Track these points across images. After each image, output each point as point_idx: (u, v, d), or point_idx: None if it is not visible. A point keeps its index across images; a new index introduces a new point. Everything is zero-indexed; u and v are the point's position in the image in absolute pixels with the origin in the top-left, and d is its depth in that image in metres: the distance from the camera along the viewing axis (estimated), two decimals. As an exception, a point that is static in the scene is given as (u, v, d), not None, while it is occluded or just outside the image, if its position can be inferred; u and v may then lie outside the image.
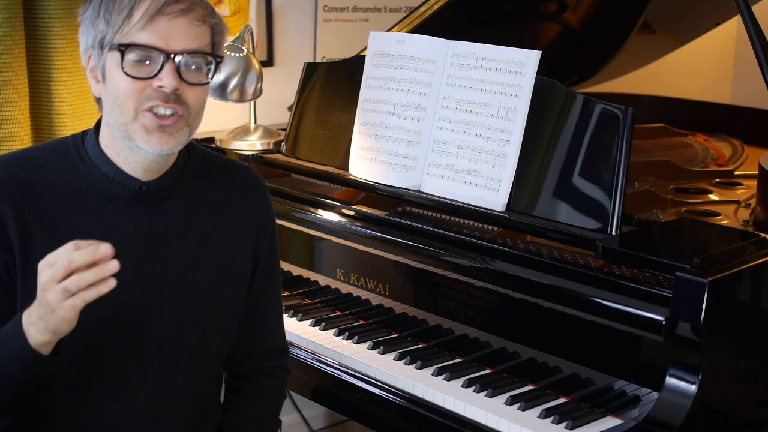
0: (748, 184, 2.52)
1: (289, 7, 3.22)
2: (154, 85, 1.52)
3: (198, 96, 1.57)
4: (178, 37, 1.52)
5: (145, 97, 1.52)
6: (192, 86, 1.55)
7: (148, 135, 1.53)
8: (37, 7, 2.47)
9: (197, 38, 1.55)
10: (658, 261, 1.75)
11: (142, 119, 1.53)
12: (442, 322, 2.09)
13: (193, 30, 1.54)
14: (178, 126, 1.55)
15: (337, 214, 2.26)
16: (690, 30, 3.32)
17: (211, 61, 1.57)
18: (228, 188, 1.73)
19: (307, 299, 2.34)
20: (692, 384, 1.65)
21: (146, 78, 1.52)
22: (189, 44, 1.53)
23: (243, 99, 2.63)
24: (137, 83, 1.52)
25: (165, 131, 1.53)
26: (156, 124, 1.53)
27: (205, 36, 1.57)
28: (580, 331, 1.83)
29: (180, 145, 1.57)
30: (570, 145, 1.97)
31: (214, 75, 1.60)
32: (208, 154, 1.77)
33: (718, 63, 4.37)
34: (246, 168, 1.81)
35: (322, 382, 2.09)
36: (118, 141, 1.58)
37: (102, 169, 1.60)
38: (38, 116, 2.54)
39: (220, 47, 1.61)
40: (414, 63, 2.20)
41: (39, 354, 1.44)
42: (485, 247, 1.98)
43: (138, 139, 1.54)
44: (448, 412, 1.85)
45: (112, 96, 1.55)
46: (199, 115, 1.60)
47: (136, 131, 1.53)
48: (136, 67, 1.52)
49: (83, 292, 1.37)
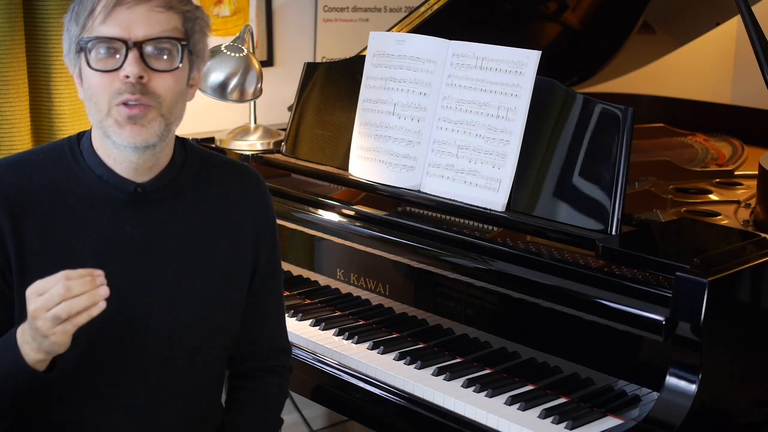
0: (748, 184, 2.52)
1: (289, 7, 3.22)
2: (121, 76, 1.50)
3: (168, 84, 1.54)
4: (138, 25, 1.50)
5: (115, 91, 1.51)
6: (160, 74, 1.53)
7: (120, 128, 1.52)
8: (37, 7, 2.47)
9: (160, 24, 1.52)
10: (658, 261, 1.75)
11: (114, 114, 1.51)
12: (442, 322, 2.09)
13: (156, 17, 1.52)
14: (149, 117, 1.52)
15: (337, 214, 2.26)
16: (690, 30, 3.32)
17: (178, 47, 1.54)
18: (227, 188, 1.72)
19: (307, 299, 2.34)
20: (692, 384, 1.65)
21: (112, 70, 1.51)
22: (151, 30, 1.51)
23: (243, 99, 2.63)
24: (105, 77, 1.51)
25: (136, 123, 1.51)
26: (125, 116, 1.51)
27: (170, 21, 1.54)
28: (580, 331, 1.83)
29: (156, 137, 1.54)
30: (570, 145, 1.97)
31: (187, 63, 1.57)
32: (207, 153, 1.75)
33: (718, 63, 4.37)
34: (245, 167, 1.81)
35: (322, 382, 2.09)
36: (103, 141, 1.57)
37: (97, 172, 1.59)
38: (38, 116, 2.54)
39: (195, 34, 1.58)
40: (414, 63, 2.20)
41: (35, 370, 1.45)
42: (485, 247, 1.98)
43: (112, 134, 1.53)
44: (448, 412, 1.85)
45: (87, 95, 1.55)
46: (175, 106, 1.56)
47: (110, 126, 1.52)
48: (101, 61, 1.51)
49: (74, 317, 1.37)
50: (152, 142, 1.55)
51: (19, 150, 2.42)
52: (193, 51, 1.59)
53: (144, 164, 1.59)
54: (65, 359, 1.49)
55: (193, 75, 1.62)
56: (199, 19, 1.60)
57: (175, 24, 1.55)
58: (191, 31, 1.58)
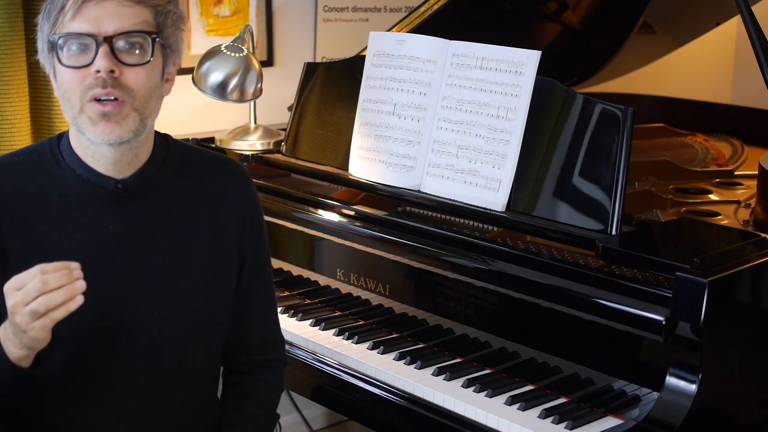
0: (748, 184, 2.52)
1: (289, 7, 3.22)
2: (92, 71, 1.50)
3: (140, 78, 1.53)
4: (108, 20, 1.50)
5: (87, 87, 1.50)
6: (132, 68, 1.52)
7: (94, 125, 1.52)
8: (37, 7, 2.46)
9: (130, 18, 1.52)
10: (658, 261, 1.75)
11: (87, 110, 1.51)
12: (442, 322, 2.09)
13: (125, 11, 1.52)
14: (123, 113, 1.52)
15: (337, 214, 2.26)
16: (690, 30, 3.32)
17: (149, 40, 1.53)
18: (210, 182, 1.71)
19: (307, 299, 2.34)
20: (692, 384, 1.65)
21: (84, 66, 1.50)
22: (120, 24, 1.51)
23: (243, 99, 2.63)
24: (77, 73, 1.51)
25: (110, 120, 1.51)
26: (99, 112, 1.51)
27: (140, 15, 1.53)
28: (580, 331, 1.83)
29: (130, 132, 1.53)
30: (570, 145, 1.97)
31: (160, 57, 1.56)
32: (190, 149, 1.75)
33: (718, 63, 4.37)
34: (229, 161, 1.80)
35: (322, 382, 2.09)
36: (79, 138, 1.57)
37: (77, 171, 1.59)
38: (38, 116, 2.54)
39: (167, 28, 1.57)
40: (414, 63, 2.20)
41: (19, 367, 1.45)
42: (485, 247, 1.98)
43: (86, 131, 1.53)
44: (448, 412, 1.85)
45: (60, 92, 1.55)
46: (149, 101, 1.56)
47: (84, 123, 1.52)
48: (73, 57, 1.51)
49: (51, 312, 1.37)
50: (127, 138, 1.54)
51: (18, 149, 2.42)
52: (166, 45, 1.58)
53: (122, 159, 1.59)
54: (53, 358, 1.50)
55: (168, 69, 1.61)
56: (171, 12, 1.59)
57: (145, 17, 1.54)
58: (163, 24, 1.57)
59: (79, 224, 1.57)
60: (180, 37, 1.63)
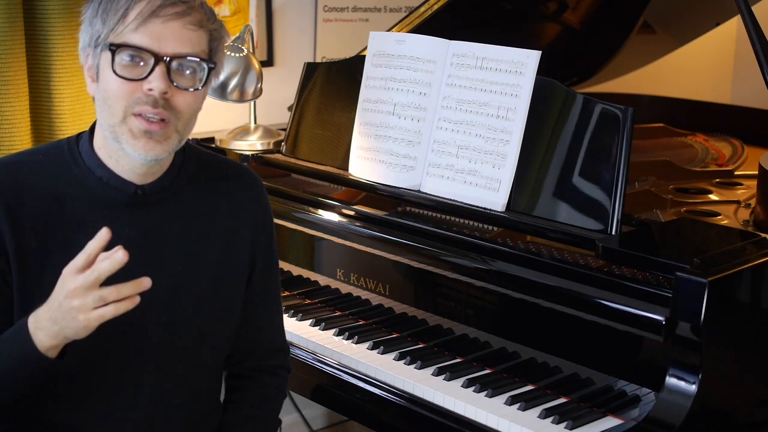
0: (748, 184, 2.52)
1: (289, 7, 3.22)
2: (144, 88, 1.50)
3: (188, 102, 1.54)
4: (170, 40, 1.50)
5: (134, 101, 1.50)
6: (182, 91, 1.53)
7: (135, 140, 1.52)
8: (37, 7, 2.47)
9: (191, 42, 1.53)
10: (658, 261, 1.75)
11: (130, 123, 1.51)
12: (442, 322, 2.09)
13: (188, 34, 1.52)
14: (166, 133, 1.53)
15: (337, 214, 2.26)
16: (690, 30, 3.32)
17: (205, 68, 1.55)
18: (224, 189, 1.72)
19: (307, 299, 2.34)
20: (692, 384, 1.65)
21: (136, 80, 1.50)
22: (182, 48, 1.51)
23: (243, 99, 2.63)
24: (127, 84, 1.50)
25: (152, 138, 1.51)
26: (143, 129, 1.51)
27: (200, 41, 1.54)
28: (580, 331, 1.83)
29: (167, 153, 1.55)
30: (570, 145, 1.97)
31: (208, 82, 1.57)
32: (204, 154, 1.76)
33: (718, 63, 4.37)
34: (242, 168, 1.81)
35: (322, 382, 2.09)
36: (109, 143, 1.57)
37: (96, 173, 1.59)
38: (38, 116, 2.54)
39: (217, 53, 1.59)
40: (414, 63, 2.20)
41: (46, 358, 1.44)
42: (485, 247, 1.98)
43: (124, 143, 1.52)
44: (448, 412, 1.86)
45: (103, 96, 1.54)
46: (190, 123, 1.58)
47: (123, 134, 1.52)
48: (126, 68, 1.50)
49: (118, 303, 1.38)
50: (163, 157, 1.56)
51: (19, 150, 2.42)
52: (216, 69, 1.60)
53: (150, 170, 1.60)
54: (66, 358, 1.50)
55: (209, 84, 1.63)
56: (223, 37, 1.61)
57: (203, 44, 1.55)
58: (215, 50, 1.59)
59: (94, 227, 1.56)
60: (224, 60, 1.65)
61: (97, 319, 1.39)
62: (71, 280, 1.38)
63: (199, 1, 1.56)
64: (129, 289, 1.38)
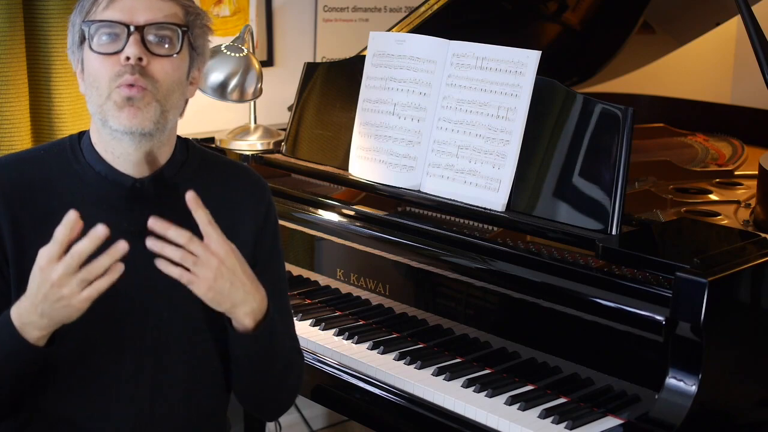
0: (748, 184, 2.52)
1: (289, 7, 3.22)
2: (121, 59, 1.53)
3: (166, 70, 1.56)
4: (140, 11, 1.54)
5: (116, 73, 1.53)
6: (159, 59, 1.55)
7: (119, 111, 1.54)
8: (37, 7, 2.47)
9: (162, 11, 1.56)
10: (658, 261, 1.75)
11: (114, 96, 1.54)
12: (442, 322, 2.09)
13: (157, 4, 1.56)
14: (146, 100, 1.54)
15: (337, 214, 2.26)
16: (690, 30, 3.32)
17: (179, 32, 1.57)
18: (227, 187, 1.73)
19: (307, 299, 2.34)
20: (692, 384, 1.65)
21: (114, 53, 1.54)
22: (153, 16, 1.55)
23: (243, 99, 2.63)
24: (107, 60, 1.54)
25: (133, 105, 1.53)
26: (124, 97, 1.53)
27: (171, 9, 1.57)
28: (580, 331, 1.83)
29: (151, 122, 1.55)
30: (570, 145, 1.97)
31: (187, 54, 1.60)
32: (208, 154, 1.76)
33: (718, 63, 4.37)
34: (246, 168, 1.81)
35: (322, 382, 2.09)
36: (102, 132, 1.58)
37: (96, 168, 1.61)
38: (38, 116, 2.54)
39: (195, 29, 1.61)
40: (414, 63, 2.20)
41: (38, 347, 1.46)
42: (485, 247, 1.98)
43: (110, 117, 1.55)
44: (448, 412, 1.85)
45: (89, 81, 1.57)
46: (171, 94, 1.58)
47: (109, 110, 1.54)
48: (104, 45, 1.54)
49: (97, 281, 1.41)
50: (148, 129, 1.56)
51: (18, 150, 2.42)
52: (194, 45, 1.62)
53: (143, 158, 1.60)
54: (61, 351, 1.51)
55: (193, 73, 1.64)
56: (201, 15, 1.63)
57: (176, 12, 1.58)
58: (192, 24, 1.61)
59: (94, 222, 1.57)
60: (206, 44, 1.66)
61: (87, 299, 1.42)
62: (52, 270, 1.41)
63: None
64: (106, 260, 1.41)
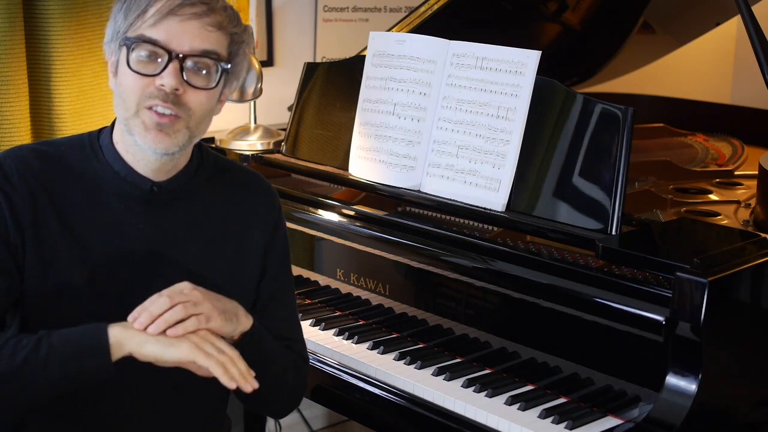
0: (748, 184, 2.52)
1: (289, 7, 3.22)
2: (156, 84, 1.52)
3: (200, 101, 1.56)
4: (186, 39, 1.52)
5: (147, 95, 1.53)
6: (195, 90, 1.55)
7: (146, 131, 1.54)
8: (37, 7, 2.47)
9: (208, 42, 1.54)
10: (658, 261, 1.75)
11: (143, 116, 1.53)
12: (442, 322, 2.09)
13: (205, 34, 1.54)
14: (176, 127, 1.54)
15: (337, 214, 2.26)
16: (690, 30, 3.32)
17: (219, 68, 1.56)
18: (239, 194, 1.74)
19: (307, 299, 2.34)
20: (692, 384, 1.65)
21: (149, 75, 1.52)
22: (197, 46, 1.53)
23: (243, 99, 2.63)
24: (141, 80, 1.53)
25: (162, 130, 1.53)
26: (154, 122, 1.53)
27: (218, 42, 1.55)
28: (580, 331, 1.83)
29: (177, 147, 1.56)
30: (570, 145, 1.97)
31: (223, 83, 1.58)
32: (221, 160, 1.77)
33: (718, 63, 4.37)
34: (258, 176, 1.81)
35: (322, 382, 2.09)
36: (125, 136, 1.59)
37: (114, 167, 1.61)
38: (38, 116, 2.54)
39: (237, 57, 1.60)
40: (414, 63, 2.20)
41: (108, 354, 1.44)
42: (485, 247, 1.98)
43: (137, 135, 1.55)
44: (448, 412, 1.85)
45: (119, 90, 1.57)
46: (203, 123, 1.59)
47: (136, 127, 1.54)
48: (141, 63, 1.53)
49: (222, 368, 1.46)
50: (172, 151, 1.57)
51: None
52: (231, 72, 1.61)
53: (164, 167, 1.62)
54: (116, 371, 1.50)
55: (225, 92, 1.64)
56: (245, 43, 1.62)
57: (221, 46, 1.56)
58: (235, 54, 1.60)
59: (110, 220, 1.60)
60: (244, 65, 1.65)
61: (197, 357, 1.45)
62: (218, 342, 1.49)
63: (222, 4, 1.57)
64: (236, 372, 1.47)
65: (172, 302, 1.46)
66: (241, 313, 1.57)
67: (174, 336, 1.45)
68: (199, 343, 1.45)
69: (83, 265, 1.57)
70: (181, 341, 1.44)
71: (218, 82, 1.57)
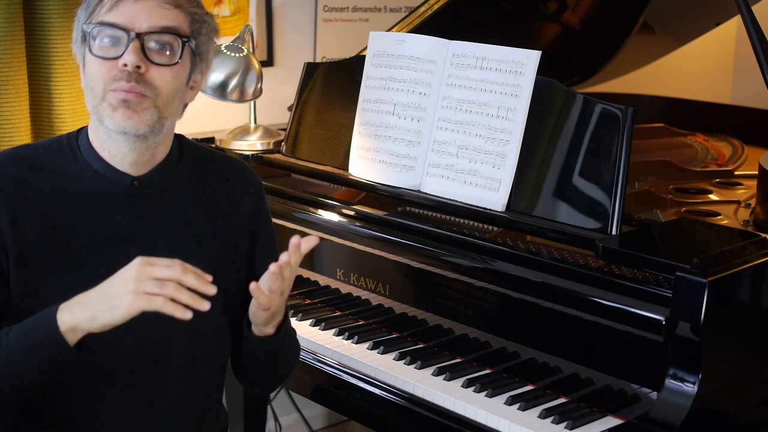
0: (748, 184, 2.52)
1: (289, 7, 3.22)
2: (119, 65, 1.53)
3: (165, 78, 1.56)
4: (143, 18, 1.54)
5: (112, 78, 1.53)
6: (159, 67, 1.55)
7: (113, 111, 1.54)
8: (37, 7, 2.47)
9: (165, 19, 1.55)
10: (658, 261, 1.75)
11: (109, 98, 1.54)
12: (442, 322, 2.09)
13: (162, 12, 1.55)
14: (143, 105, 1.54)
15: (337, 214, 2.26)
16: (690, 30, 3.32)
17: (180, 43, 1.56)
18: (222, 184, 1.73)
19: (307, 299, 2.34)
20: (692, 384, 1.65)
21: (112, 58, 1.53)
22: (155, 23, 1.54)
23: (243, 99, 2.63)
24: (104, 64, 1.54)
25: (129, 107, 1.53)
26: (120, 99, 1.53)
27: (176, 17, 1.57)
28: (580, 331, 1.83)
29: (146, 126, 1.55)
30: (570, 145, 1.97)
31: (189, 63, 1.59)
32: (202, 149, 1.77)
33: (718, 63, 4.37)
34: (239, 162, 1.82)
35: (322, 382, 2.09)
36: (99, 129, 1.59)
37: (94, 166, 1.61)
38: (38, 116, 2.54)
39: (201, 36, 1.61)
40: (414, 63, 2.20)
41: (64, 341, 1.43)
42: (485, 247, 1.98)
43: (106, 118, 1.55)
44: (448, 412, 1.85)
45: (86, 81, 1.57)
46: (170, 102, 1.58)
47: (104, 111, 1.55)
48: (104, 49, 1.54)
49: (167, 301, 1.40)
50: (142, 132, 1.56)
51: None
52: (197, 52, 1.61)
53: (139, 158, 1.61)
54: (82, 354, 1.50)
55: (195, 77, 1.64)
56: (207, 23, 1.62)
57: (180, 22, 1.57)
58: (197, 32, 1.60)
59: (93, 218, 1.59)
60: (211, 47, 1.66)
61: (142, 303, 1.40)
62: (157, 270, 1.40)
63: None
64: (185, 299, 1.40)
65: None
66: None
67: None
68: (137, 288, 1.40)
69: (68, 266, 1.56)
70: (123, 296, 1.40)
71: (181, 57, 1.57)
